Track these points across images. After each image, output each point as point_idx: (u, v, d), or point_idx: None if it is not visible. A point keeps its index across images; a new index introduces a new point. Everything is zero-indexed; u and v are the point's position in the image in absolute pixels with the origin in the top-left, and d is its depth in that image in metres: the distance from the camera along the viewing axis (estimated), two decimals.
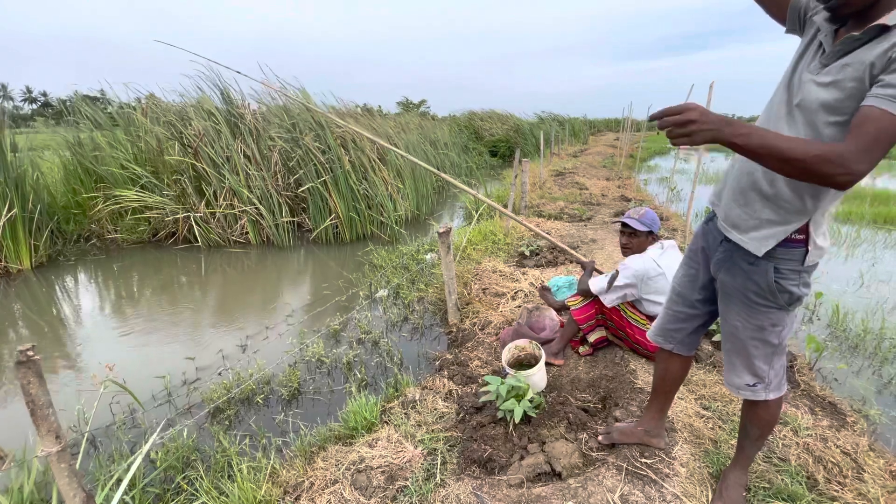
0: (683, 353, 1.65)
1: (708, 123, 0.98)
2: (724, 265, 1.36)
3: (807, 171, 0.97)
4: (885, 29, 0.97)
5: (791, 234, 1.20)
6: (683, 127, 0.99)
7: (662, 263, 2.37)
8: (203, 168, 6.39)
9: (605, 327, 2.66)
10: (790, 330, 1.36)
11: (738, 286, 1.32)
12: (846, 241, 6.10)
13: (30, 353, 1.07)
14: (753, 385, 1.42)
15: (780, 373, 1.42)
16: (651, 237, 2.49)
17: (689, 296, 1.54)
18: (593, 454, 1.93)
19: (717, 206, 1.38)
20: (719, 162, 17.85)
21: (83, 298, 4.91)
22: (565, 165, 12.75)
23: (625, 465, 1.79)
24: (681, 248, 4.88)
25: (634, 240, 2.51)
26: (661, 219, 6.56)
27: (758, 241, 1.23)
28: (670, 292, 1.63)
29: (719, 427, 2.04)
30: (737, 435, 1.95)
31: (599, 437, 1.95)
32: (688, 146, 1.03)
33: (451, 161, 11.41)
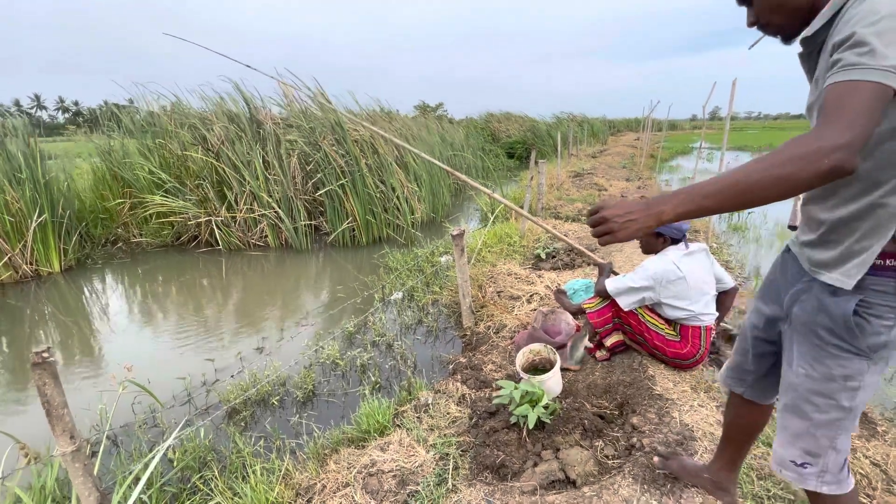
0: (756, 399, 1.35)
1: (628, 215, 0.85)
2: (799, 296, 1.10)
3: (796, 178, 0.77)
4: (813, 40, 0.90)
5: (880, 260, 0.95)
6: (601, 226, 0.88)
7: (684, 267, 2.28)
8: (223, 170, 6.53)
9: (623, 332, 2.60)
10: (869, 394, 1.01)
11: (808, 319, 1.05)
12: None
13: (45, 354, 1.09)
14: (802, 465, 1.08)
15: (843, 459, 1.06)
16: (662, 239, 2.40)
17: (755, 333, 1.28)
18: (609, 462, 1.88)
19: (797, 249, 1.17)
20: (744, 160, 17.32)
21: (109, 301, 5.07)
22: (584, 166, 12.60)
23: (642, 474, 1.74)
24: None
25: (643, 238, 2.45)
26: None
27: (845, 275, 0.99)
28: (744, 328, 1.34)
29: None
30: (759, 443, 1.88)
31: (655, 459, 1.76)
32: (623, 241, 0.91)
33: (468, 163, 11.40)
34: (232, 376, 3.12)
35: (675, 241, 2.40)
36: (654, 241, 2.42)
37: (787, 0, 0.94)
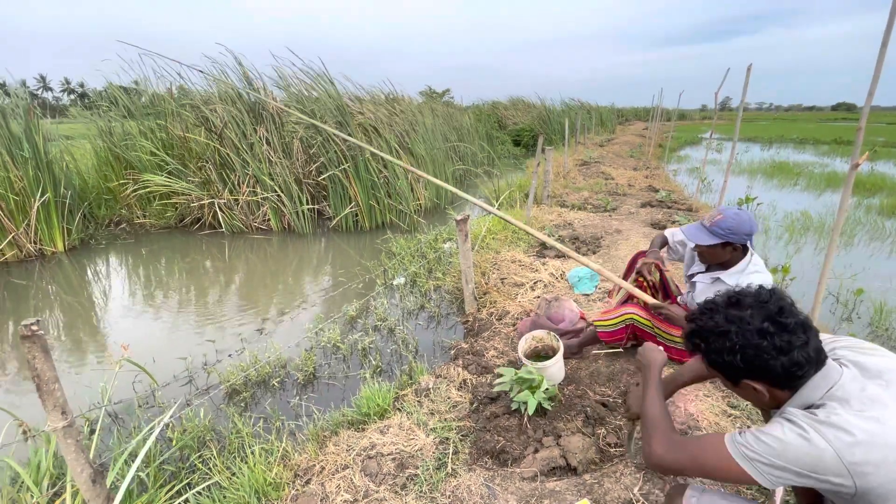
0: None
1: (642, 360, 1.29)
2: None
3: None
4: None
5: None
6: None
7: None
8: (227, 153, 6.47)
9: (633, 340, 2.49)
10: None
11: None
12: (891, 236, 5.74)
13: (34, 327, 1.06)
14: None
15: None
16: (732, 247, 1.89)
17: None
18: (611, 450, 1.86)
19: None
20: (754, 152, 17.11)
21: (113, 281, 5.07)
22: (591, 155, 12.44)
23: (644, 463, 1.71)
24: None
25: (708, 251, 1.94)
26: (690, 210, 6.28)
27: None
28: None
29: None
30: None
31: None
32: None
33: (472, 152, 11.26)
34: (230, 356, 3.10)
35: (744, 249, 1.93)
36: (720, 250, 1.91)
37: (758, 399, 1.00)
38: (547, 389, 2.02)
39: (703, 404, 2.04)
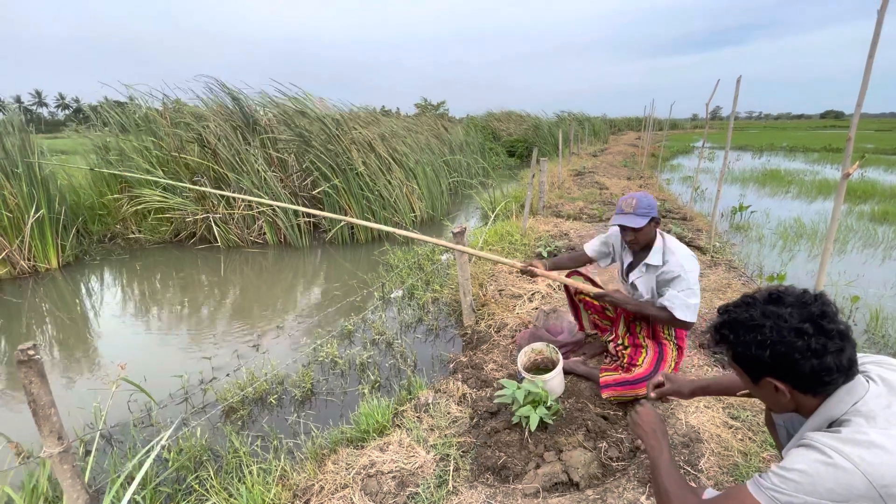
0: None
1: (644, 428, 1.25)
2: None
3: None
4: None
5: None
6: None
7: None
8: (222, 171, 6.48)
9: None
10: None
11: None
12: (883, 242, 5.80)
13: (30, 352, 1.05)
14: None
15: None
16: (655, 223, 2.05)
17: None
18: (613, 464, 1.84)
19: None
20: (745, 160, 17.31)
21: (107, 297, 5.02)
22: (585, 165, 12.54)
23: (646, 477, 1.70)
24: (702, 250, 4.70)
25: (642, 231, 2.04)
26: (685, 219, 6.35)
27: None
28: None
29: (749, 439, 1.92)
30: (768, 447, 1.84)
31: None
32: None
33: (465, 164, 11.30)
34: (227, 375, 3.07)
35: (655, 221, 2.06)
36: (648, 228, 2.03)
37: (777, 401, 0.98)
38: (550, 405, 2.01)
39: (704, 416, 2.04)
